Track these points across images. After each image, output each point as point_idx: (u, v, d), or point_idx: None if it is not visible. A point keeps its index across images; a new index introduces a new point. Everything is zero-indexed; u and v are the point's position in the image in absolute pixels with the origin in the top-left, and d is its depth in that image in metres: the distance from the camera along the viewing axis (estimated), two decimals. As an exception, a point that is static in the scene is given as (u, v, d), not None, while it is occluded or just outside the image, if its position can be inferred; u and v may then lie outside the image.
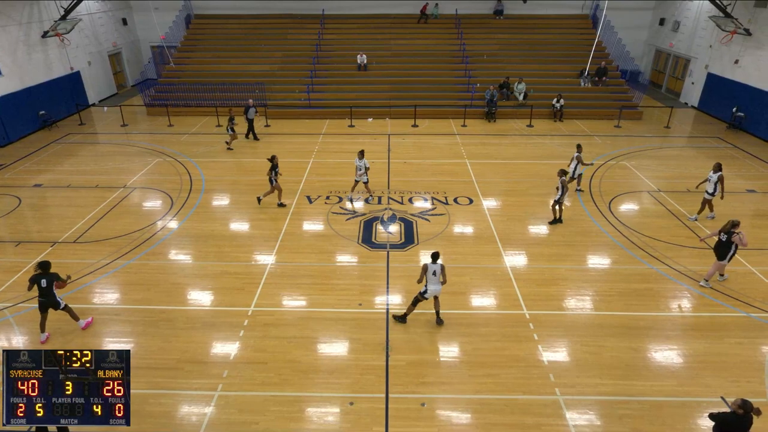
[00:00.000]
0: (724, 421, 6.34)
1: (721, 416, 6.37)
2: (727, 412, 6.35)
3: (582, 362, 8.83)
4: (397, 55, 26.40)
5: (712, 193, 13.40)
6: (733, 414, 6.26)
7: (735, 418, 6.25)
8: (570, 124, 22.57)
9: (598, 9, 27.11)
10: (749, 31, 21.11)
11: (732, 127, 21.85)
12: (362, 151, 14.58)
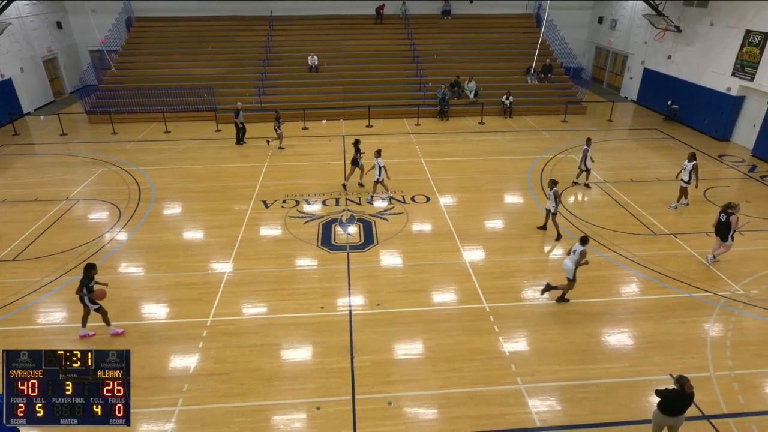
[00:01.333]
0: (667, 397, 6.73)
1: (664, 393, 6.77)
2: (670, 389, 6.74)
3: (541, 351, 9.12)
4: (348, 56, 26.36)
5: (687, 181, 14.14)
6: (675, 390, 6.67)
7: (677, 394, 6.65)
8: (520, 120, 23.24)
9: (541, 8, 28.05)
10: (679, 28, 22.42)
11: (668, 118, 23.13)
12: (379, 150, 14.72)
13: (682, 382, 6.64)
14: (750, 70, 18.82)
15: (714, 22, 20.61)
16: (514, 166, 17.65)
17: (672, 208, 14.50)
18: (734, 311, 10.19)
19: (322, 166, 17.66)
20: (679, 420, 6.85)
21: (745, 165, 18.05)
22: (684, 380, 6.63)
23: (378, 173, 14.65)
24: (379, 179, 14.74)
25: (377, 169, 14.61)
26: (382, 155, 14.75)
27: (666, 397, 6.74)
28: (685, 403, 6.69)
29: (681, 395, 6.64)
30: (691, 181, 14.10)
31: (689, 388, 6.57)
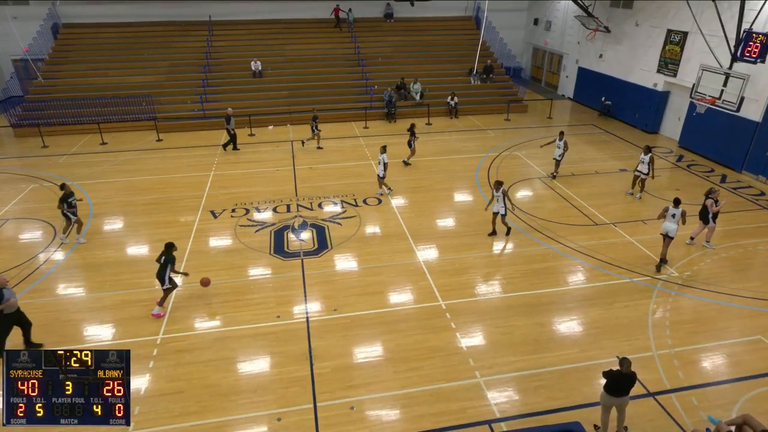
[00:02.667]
0: (612, 378, 7.10)
1: (609, 374, 7.14)
2: (615, 370, 7.12)
3: (497, 343, 9.37)
4: (292, 61, 26.07)
5: (645, 173, 14.97)
6: (618, 372, 7.05)
7: (620, 375, 7.04)
8: (465, 120, 23.80)
9: (480, 11, 28.87)
10: (608, 28, 23.70)
11: (603, 114, 24.39)
12: (384, 146, 14.99)
13: (622, 362, 7.03)
14: (673, 66, 20.16)
15: (639, 23, 21.93)
16: (462, 165, 18.05)
17: (628, 194, 15.46)
18: (671, 293, 10.88)
19: (271, 173, 17.37)
20: (624, 401, 7.21)
21: (673, 155, 19.31)
22: (625, 362, 7.02)
23: (383, 169, 14.94)
24: (381, 175, 15.07)
25: (381, 165, 14.89)
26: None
27: (611, 378, 7.10)
28: (627, 384, 7.06)
29: (624, 376, 7.02)
30: (649, 173, 14.95)
31: (627, 369, 6.96)
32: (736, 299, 10.63)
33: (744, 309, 10.32)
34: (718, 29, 16.01)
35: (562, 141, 16.27)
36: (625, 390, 7.13)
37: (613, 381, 7.10)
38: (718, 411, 7.88)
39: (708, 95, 15.71)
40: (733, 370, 8.78)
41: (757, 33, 14.53)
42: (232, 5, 27.45)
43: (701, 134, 18.97)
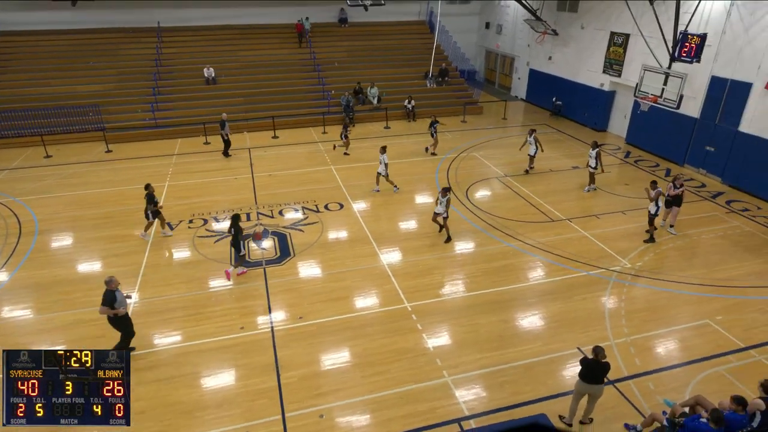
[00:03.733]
0: (586, 365, 7.35)
1: (584, 361, 7.38)
2: (589, 358, 7.36)
3: (462, 342, 9.49)
4: (247, 67, 25.64)
5: (594, 167, 15.64)
6: (592, 360, 7.29)
7: (594, 363, 7.28)
8: (423, 123, 24.02)
9: (433, 15, 29.30)
10: (556, 31, 24.57)
11: (554, 114, 25.22)
12: (384, 146, 15.46)
13: (597, 351, 7.28)
14: (617, 67, 21.09)
15: (584, 26, 22.84)
16: (421, 167, 18.23)
17: (587, 191, 16.00)
18: (625, 283, 11.34)
19: (229, 182, 17.00)
20: (596, 389, 7.42)
21: (621, 152, 20.18)
22: (599, 350, 7.28)
23: (384, 168, 15.39)
24: (384, 173, 15.49)
25: (382, 164, 15.33)
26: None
27: (585, 366, 7.35)
28: (600, 373, 7.29)
29: (597, 364, 7.26)
30: (597, 167, 15.58)
31: (601, 357, 7.22)
32: (684, 286, 11.19)
33: (692, 295, 10.87)
34: (656, 31, 16.87)
35: (532, 137, 17.06)
36: (598, 378, 7.33)
37: (587, 369, 7.34)
38: (673, 394, 8.27)
39: (650, 94, 16.52)
40: (684, 354, 9.23)
41: (692, 34, 15.41)
42: (181, 11, 26.75)
43: (646, 131, 19.92)
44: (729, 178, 16.73)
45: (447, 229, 13.05)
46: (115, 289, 8.61)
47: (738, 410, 6.70)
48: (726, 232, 13.60)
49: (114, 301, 8.57)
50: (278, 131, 22.33)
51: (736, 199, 15.69)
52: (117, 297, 8.62)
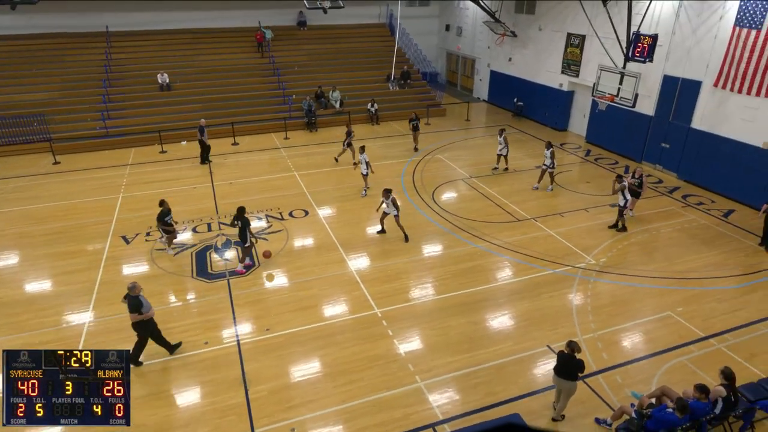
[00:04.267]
0: (559, 358, 7.57)
1: (559, 354, 7.60)
2: (565, 352, 7.54)
3: (434, 346, 9.55)
4: (203, 72, 25.14)
5: (549, 165, 16.02)
6: (566, 354, 7.49)
7: (567, 357, 7.48)
8: (386, 126, 24.19)
9: (393, 18, 29.55)
10: (515, 33, 25.20)
11: (516, 115, 25.83)
12: (363, 146, 16.05)
13: (571, 346, 7.48)
14: (575, 68, 21.81)
15: (541, 27, 23.52)
16: (387, 170, 18.30)
17: (549, 190, 16.38)
18: (590, 280, 11.70)
19: (188, 191, 16.60)
20: (565, 385, 7.58)
21: (582, 150, 20.85)
22: (573, 344, 7.48)
23: (365, 167, 15.80)
24: (365, 173, 15.88)
25: (363, 164, 15.73)
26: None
27: (558, 358, 7.57)
28: (570, 368, 7.46)
29: (570, 358, 7.44)
30: (553, 165, 15.98)
31: (571, 352, 7.42)
32: (646, 280, 11.64)
33: (654, 288, 11.32)
34: (611, 32, 17.55)
35: (502, 137, 17.52)
36: (567, 373, 7.48)
37: (559, 362, 7.55)
38: (640, 386, 8.56)
39: (607, 93, 17.16)
40: (649, 346, 9.59)
41: (644, 35, 16.11)
42: (131, 15, 26.00)
43: (605, 129, 20.66)
44: (684, 173, 17.53)
45: (402, 228, 13.23)
46: (138, 294, 8.61)
47: (701, 398, 7.00)
48: (683, 226, 14.23)
49: (141, 306, 8.58)
50: (238, 138, 21.98)
51: (692, 194, 16.46)
52: (143, 302, 8.63)
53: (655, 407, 7.21)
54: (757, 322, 10.22)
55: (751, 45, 14.55)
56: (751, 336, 9.84)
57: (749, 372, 8.83)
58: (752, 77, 14.71)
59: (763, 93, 14.53)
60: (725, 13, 15.29)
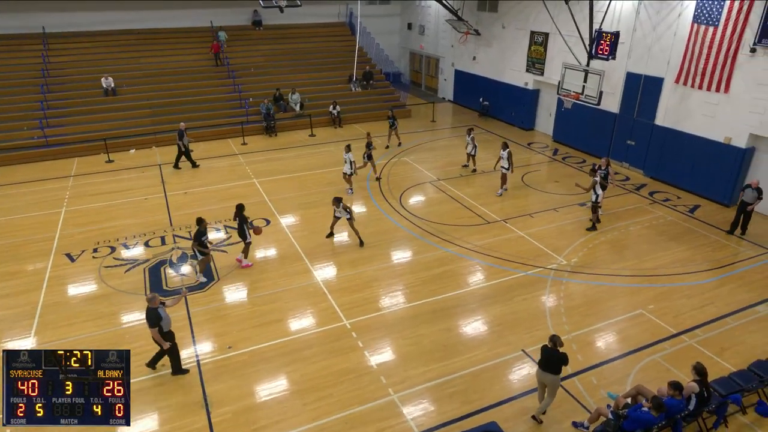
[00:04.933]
0: (543, 352, 7.81)
1: (543, 348, 7.81)
2: (548, 346, 7.77)
3: (406, 356, 9.57)
4: (151, 75, 24.53)
5: (507, 168, 16.21)
6: (549, 348, 7.74)
7: (549, 350, 7.73)
8: (350, 129, 24.19)
9: (353, 17, 29.67)
10: (478, 31, 25.71)
11: (482, 114, 26.31)
12: (348, 145, 16.42)
13: (554, 340, 7.72)
14: (539, 66, 22.41)
15: (505, 25, 24.08)
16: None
17: (498, 195, 16.47)
18: (562, 280, 11.98)
19: (139, 203, 16.12)
20: (549, 379, 7.82)
21: (549, 149, 21.41)
22: (555, 338, 7.73)
23: (349, 167, 16.20)
24: (349, 172, 16.31)
25: (348, 163, 16.11)
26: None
27: (542, 352, 7.80)
28: (553, 362, 7.70)
29: (550, 351, 7.70)
30: (509, 168, 16.22)
31: (554, 346, 7.69)
32: (617, 279, 12.01)
33: (625, 287, 11.69)
34: (574, 30, 18.12)
35: (470, 137, 18.00)
36: (550, 367, 7.72)
37: (543, 356, 7.79)
38: (615, 386, 8.81)
39: (572, 91, 17.68)
40: (622, 345, 9.89)
41: (606, 32, 16.71)
42: (70, 15, 25.13)
43: (571, 128, 21.28)
44: (650, 170, 18.24)
45: (357, 232, 13.35)
46: (157, 306, 8.51)
47: (675, 395, 7.26)
48: (651, 223, 14.79)
49: (160, 320, 8.50)
50: (192, 144, 21.48)
51: (658, 190, 17.13)
52: (161, 314, 8.54)
53: (631, 407, 7.43)
54: (725, 316, 10.70)
55: (709, 41, 15.32)
56: (720, 330, 10.29)
57: (720, 366, 9.22)
58: (711, 73, 15.47)
59: (722, 89, 15.30)
60: (683, 10, 16.05)
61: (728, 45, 14.87)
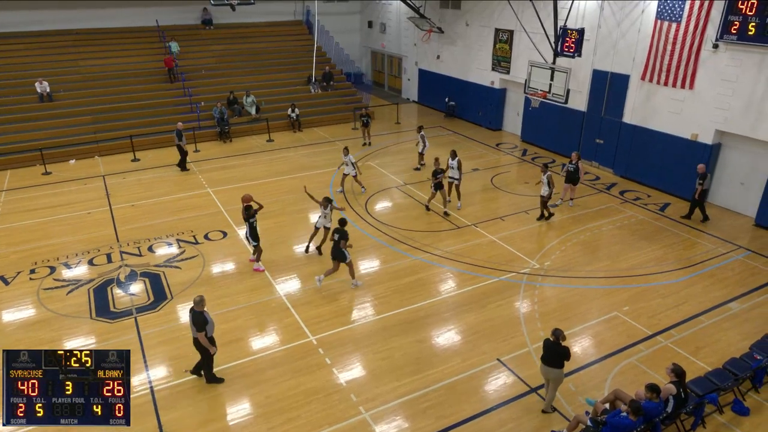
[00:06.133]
0: (545, 346, 8.25)
1: (545, 341, 8.28)
2: (551, 340, 8.17)
3: (377, 371, 9.54)
4: (92, 79, 23.83)
5: (457, 178, 15.74)
6: (552, 341, 8.15)
7: (552, 344, 8.14)
8: (310, 133, 24.09)
9: (310, 14, 29.66)
10: (441, 29, 26.11)
11: (448, 115, 26.67)
12: (346, 147, 16.79)
13: (557, 334, 8.10)
14: (505, 64, 22.90)
15: (468, 23, 24.53)
16: (314, 181, 18.17)
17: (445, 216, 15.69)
18: (536, 285, 12.22)
19: (81, 218, 15.58)
20: (552, 373, 8.18)
21: (518, 150, 21.87)
22: (558, 332, 8.10)
23: (353, 168, 16.57)
24: (354, 173, 16.73)
25: (350, 165, 16.51)
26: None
27: (544, 346, 8.21)
28: (555, 355, 8.07)
29: (554, 345, 8.06)
30: (459, 178, 15.84)
31: (556, 339, 8.06)
32: (591, 281, 12.34)
33: (599, 289, 12.01)
34: (538, 27, 18.63)
35: (420, 134, 18.52)
36: (552, 361, 8.12)
37: (545, 350, 8.26)
38: (593, 392, 9.02)
39: (539, 90, 18.13)
40: (599, 349, 10.14)
41: (571, 29, 17.24)
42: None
43: (539, 127, 21.81)
44: (619, 168, 18.85)
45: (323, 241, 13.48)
46: (203, 310, 8.62)
47: (653, 398, 7.49)
48: (623, 222, 15.27)
49: (206, 324, 8.62)
50: (139, 153, 20.98)
51: (629, 189, 17.72)
52: (207, 319, 8.67)
53: (610, 413, 7.62)
54: (699, 315, 11.13)
55: (672, 38, 16.00)
56: (695, 329, 10.69)
57: (696, 366, 9.57)
58: (676, 70, 16.15)
59: (687, 85, 15.99)
60: (646, 6, 16.72)
61: (691, 41, 15.57)
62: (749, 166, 15.41)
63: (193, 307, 8.70)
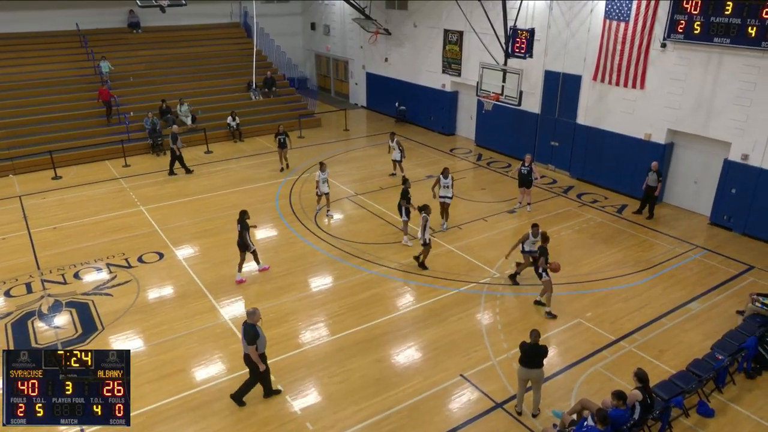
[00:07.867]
0: (523, 349, 8.67)
1: (522, 345, 8.71)
2: (528, 343, 8.58)
3: (334, 395, 9.46)
4: (4, 89, 22.74)
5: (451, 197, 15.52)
6: (529, 344, 8.57)
7: (529, 346, 8.61)
8: (252, 143, 23.81)
9: (248, 16, 29.41)
10: (389, 30, 26.44)
11: (399, 120, 26.96)
12: (321, 162, 16.34)
13: (533, 334, 8.51)
14: (456, 66, 23.40)
15: (416, 24, 24.96)
16: (257, 195, 17.96)
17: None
18: (497, 294, 12.46)
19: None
20: (536, 374, 8.67)
21: (473, 155, 22.33)
22: (534, 333, 8.53)
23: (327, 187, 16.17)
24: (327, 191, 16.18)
25: (325, 184, 16.09)
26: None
27: (522, 350, 8.59)
28: (536, 356, 8.52)
29: (532, 347, 8.58)
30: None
31: (535, 339, 8.53)
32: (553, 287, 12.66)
33: (562, 295, 12.35)
34: (488, 27, 19.16)
35: (395, 141, 18.86)
36: (534, 362, 8.61)
37: (524, 353, 8.65)
38: (560, 403, 9.24)
39: (492, 92, 18.62)
40: (564, 358, 10.42)
41: (521, 29, 17.83)
42: None
43: (493, 131, 22.36)
44: (576, 171, 19.55)
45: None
46: (256, 323, 8.69)
47: (619, 405, 7.74)
48: (581, 226, 15.82)
49: (257, 338, 8.65)
50: (60, 170, 20.11)
51: (586, 192, 18.39)
52: (259, 333, 8.73)
53: (577, 423, 7.82)
54: (661, 317, 11.63)
55: (621, 37, 16.81)
56: (657, 332, 11.16)
57: (660, 369, 9.98)
58: (626, 69, 16.95)
59: (638, 85, 16.80)
60: (595, 6, 17.51)
61: (640, 40, 16.40)
62: (702, 164, 16.31)
63: (246, 320, 8.75)
